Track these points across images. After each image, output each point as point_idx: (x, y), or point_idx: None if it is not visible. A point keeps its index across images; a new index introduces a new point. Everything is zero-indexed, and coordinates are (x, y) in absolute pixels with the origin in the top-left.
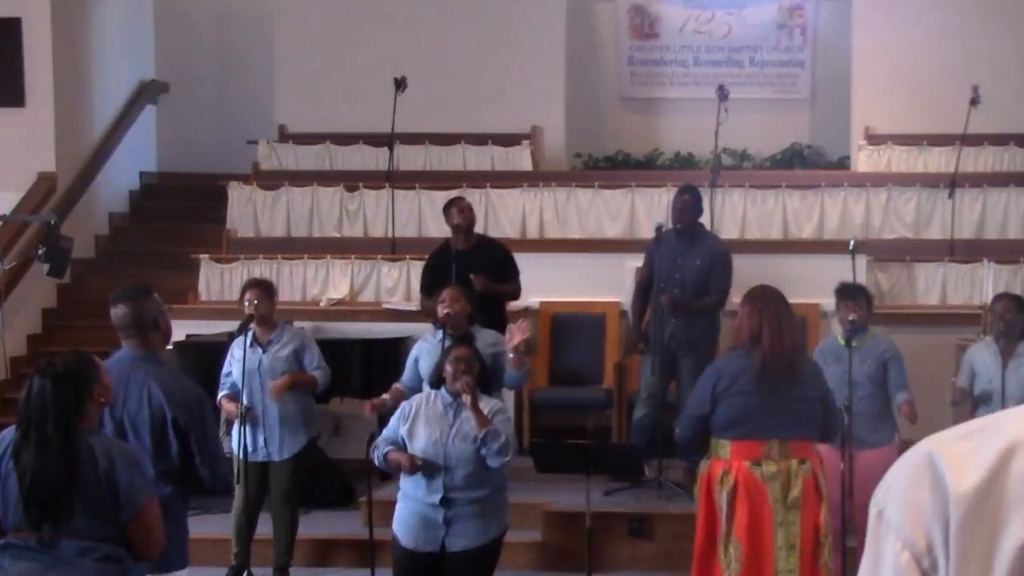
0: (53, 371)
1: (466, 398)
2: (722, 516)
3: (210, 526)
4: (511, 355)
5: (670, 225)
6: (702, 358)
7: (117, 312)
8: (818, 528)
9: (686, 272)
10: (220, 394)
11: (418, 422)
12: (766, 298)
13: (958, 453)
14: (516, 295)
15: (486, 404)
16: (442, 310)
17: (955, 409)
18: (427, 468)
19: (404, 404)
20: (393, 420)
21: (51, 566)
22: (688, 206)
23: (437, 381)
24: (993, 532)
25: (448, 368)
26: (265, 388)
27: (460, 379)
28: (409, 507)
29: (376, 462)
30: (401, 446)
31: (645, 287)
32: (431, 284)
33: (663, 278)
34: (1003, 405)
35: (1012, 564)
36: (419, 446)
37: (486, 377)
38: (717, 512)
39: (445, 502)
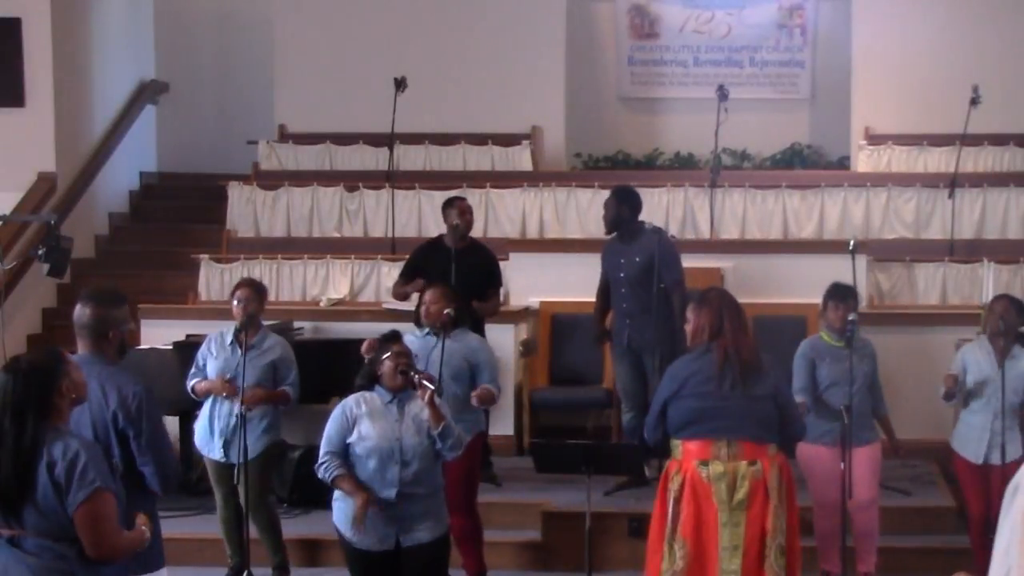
0: (16, 367)
1: (424, 393)
2: (668, 515)
3: (210, 526)
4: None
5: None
6: (665, 353)
7: (79, 312)
8: (764, 531)
9: (630, 271)
10: (191, 383)
11: (362, 423)
12: (723, 297)
13: None
14: (496, 311)
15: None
16: (426, 309)
17: (949, 404)
18: (376, 469)
19: (338, 411)
20: (332, 431)
21: (16, 561)
22: (608, 204)
23: (369, 382)
24: None
25: (388, 364)
26: (238, 388)
27: (415, 374)
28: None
29: (322, 478)
30: (346, 456)
31: (604, 289)
32: (411, 274)
33: (611, 280)
34: (1001, 404)
35: None
36: (371, 445)
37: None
38: (666, 512)
39: (399, 497)
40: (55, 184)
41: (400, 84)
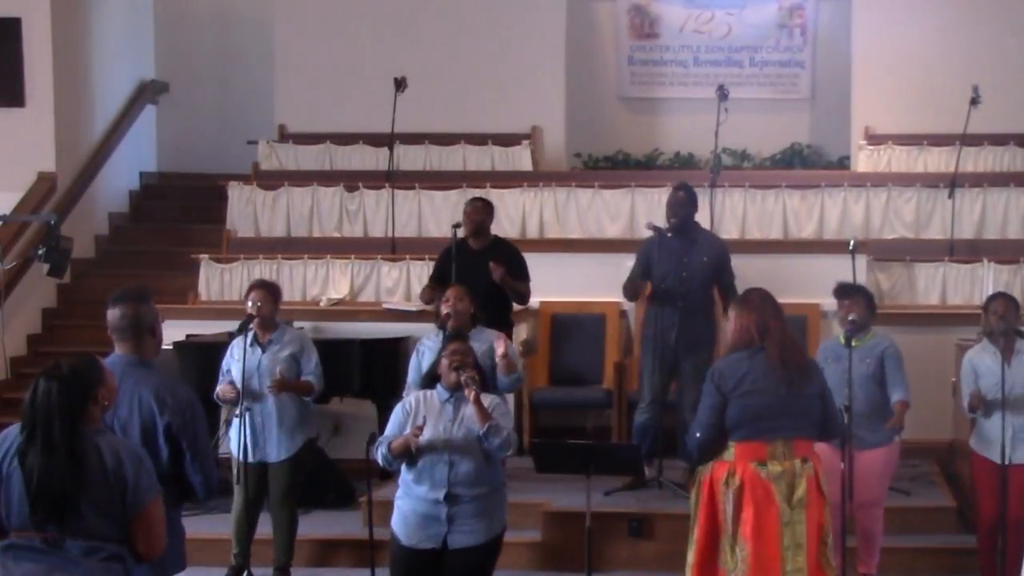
0: (59, 373)
1: (469, 392)
2: (727, 518)
3: (210, 526)
4: (499, 363)
5: (665, 224)
6: (703, 358)
7: (115, 313)
8: (821, 527)
9: (693, 270)
10: (218, 387)
11: (419, 419)
12: (764, 298)
13: None
14: (527, 297)
15: (486, 399)
16: (444, 308)
17: (971, 415)
18: (428, 462)
19: (400, 406)
20: (392, 422)
21: (56, 567)
22: (684, 202)
23: (431, 381)
24: None
25: (444, 362)
26: (263, 389)
27: (463, 372)
28: (410, 504)
29: (380, 460)
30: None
31: (633, 282)
32: (441, 278)
33: (667, 277)
34: (1005, 402)
35: None
36: (421, 444)
37: (483, 375)
38: (720, 515)
39: (448, 498)
40: (55, 184)
41: (400, 84)
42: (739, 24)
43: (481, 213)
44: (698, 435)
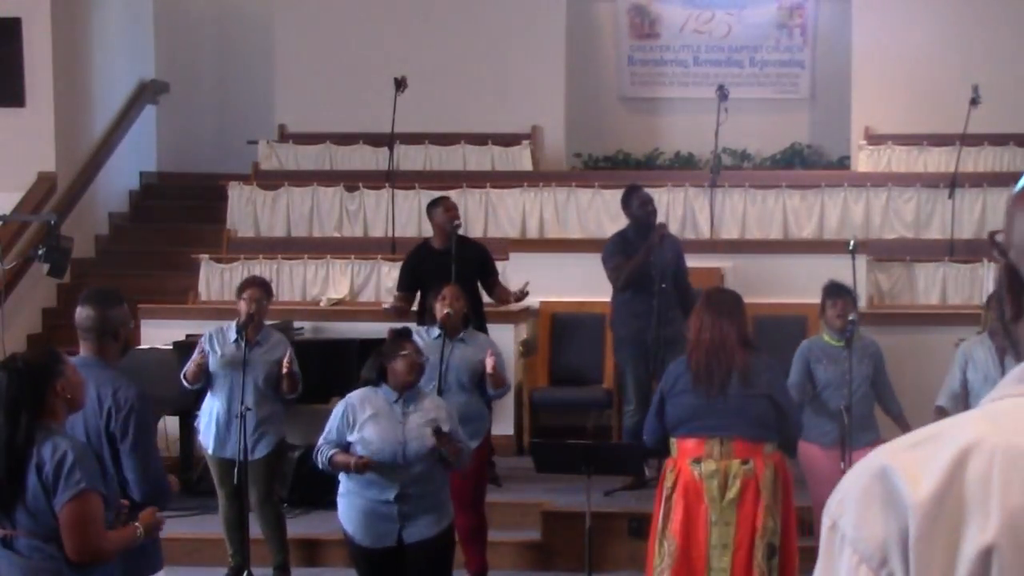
0: (12, 365)
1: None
2: (660, 512)
3: (210, 526)
4: (488, 379)
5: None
6: (678, 352)
7: (82, 313)
8: (755, 530)
9: (666, 268)
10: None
11: (365, 426)
12: (709, 298)
13: (911, 462)
14: (508, 299)
15: (430, 404)
16: (442, 309)
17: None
18: (377, 468)
19: (341, 406)
20: (332, 426)
21: (12, 563)
22: (652, 199)
23: (378, 378)
24: (952, 538)
25: (400, 364)
26: (247, 386)
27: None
28: (358, 505)
29: (320, 466)
30: (344, 448)
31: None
32: (412, 285)
33: (663, 277)
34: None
35: (972, 569)
36: (373, 448)
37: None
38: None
39: (400, 498)
40: (55, 184)
41: (400, 84)
42: (739, 24)
43: (454, 212)
44: (645, 434)
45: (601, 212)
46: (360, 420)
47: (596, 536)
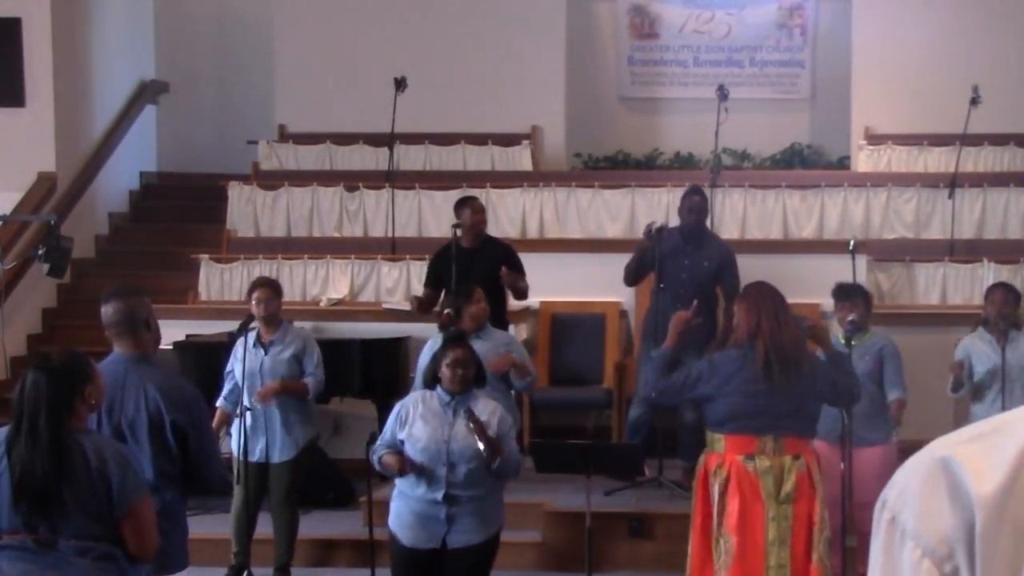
0: (48, 365)
1: (475, 437)
2: (714, 509)
3: (210, 526)
4: (512, 372)
5: (673, 224)
6: (702, 356)
7: (108, 309)
8: (812, 523)
9: (695, 273)
10: (220, 397)
11: (416, 423)
12: (762, 294)
13: (974, 455)
14: (527, 292)
15: (484, 406)
16: (475, 309)
17: (955, 395)
18: (420, 471)
19: (397, 407)
20: (389, 424)
21: (50, 566)
22: (699, 207)
23: (432, 381)
24: (1020, 534)
25: (446, 371)
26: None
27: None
28: (408, 505)
29: (376, 466)
30: (398, 449)
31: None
32: (435, 282)
33: (666, 278)
34: (1005, 388)
35: None
36: (420, 446)
37: (482, 374)
38: (711, 506)
39: (447, 499)
40: (55, 184)
41: (400, 84)
42: (739, 24)
43: (482, 214)
44: (657, 383)
45: (601, 212)
46: (411, 418)
47: (596, 536)
